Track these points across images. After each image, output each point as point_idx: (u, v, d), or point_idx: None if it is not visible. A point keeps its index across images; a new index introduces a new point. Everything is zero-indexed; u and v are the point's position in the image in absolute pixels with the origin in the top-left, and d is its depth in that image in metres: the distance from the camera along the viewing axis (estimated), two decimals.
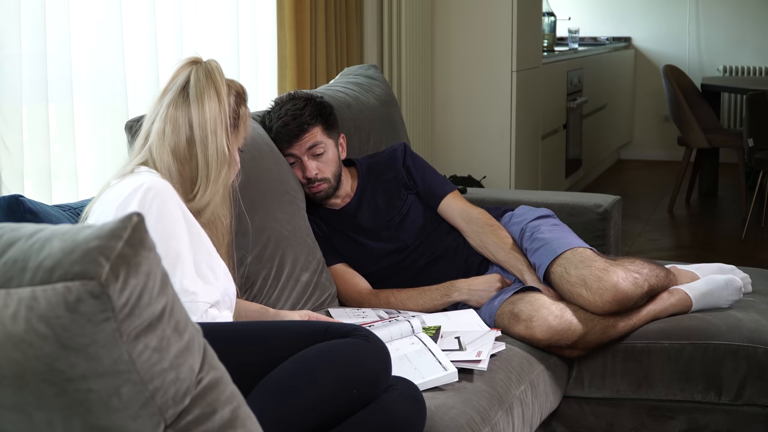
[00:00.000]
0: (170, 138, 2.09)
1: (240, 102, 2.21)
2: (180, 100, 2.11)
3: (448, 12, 4.97)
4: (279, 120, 2.69)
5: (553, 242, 2.60)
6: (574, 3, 8.42)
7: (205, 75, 2.13)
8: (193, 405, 1.15)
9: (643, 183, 7.59)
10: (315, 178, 2.71)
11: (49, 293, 1.01)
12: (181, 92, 2.12)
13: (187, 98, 2.11)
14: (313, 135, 2.69)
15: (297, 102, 2.72)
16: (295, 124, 2.68)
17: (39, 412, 1.08)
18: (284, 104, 2.72)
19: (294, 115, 2.69)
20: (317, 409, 1.75)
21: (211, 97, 2.11)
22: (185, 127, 2.10)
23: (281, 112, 2.70)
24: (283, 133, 2.68)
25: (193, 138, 2.10)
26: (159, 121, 2.12)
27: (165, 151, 2.09)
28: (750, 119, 5.54)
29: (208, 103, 2.10)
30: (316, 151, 2.70)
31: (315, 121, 2.70)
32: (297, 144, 2.69)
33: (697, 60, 8.31)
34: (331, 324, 1.91)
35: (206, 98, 2.10)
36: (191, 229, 2.02)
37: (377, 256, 2.80)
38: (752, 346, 2.50)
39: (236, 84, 2.23)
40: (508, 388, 2.26)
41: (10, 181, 2.45)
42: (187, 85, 2.12)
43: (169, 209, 1.98)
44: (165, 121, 2.11)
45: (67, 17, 2.66)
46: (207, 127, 2.10)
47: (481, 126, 4.98)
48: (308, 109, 2.70)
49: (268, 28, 3.77)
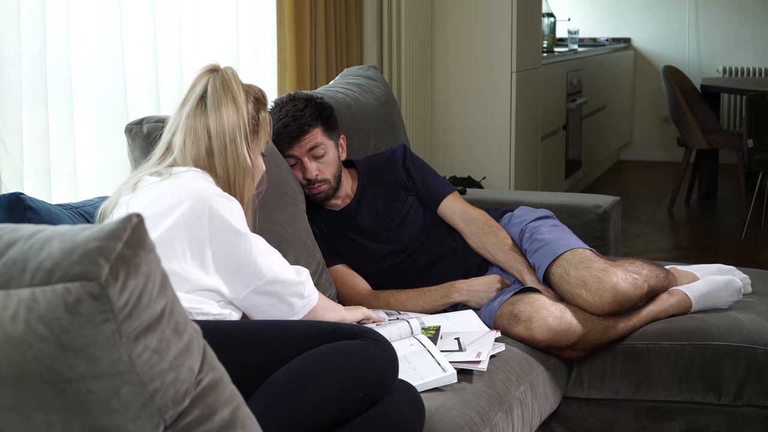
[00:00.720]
0: (191, 149, 2.13)
1: (259, 107, 2.23)
2: (198, 111, 2.14)
3: (447, 13, 4.97)
4: (279, 121, 2.68)
5: (553, 243, 2.60)
6: (574, 4, 8.42)
7: (221, 84, 2.15)
8: (192, 406, 1.15)
9: (642, 184, 7.59)
10: (315, 179, 2.70)
11: (48, 294, 1.01)
12: (199, 102, 2.15)
13: (205, 108, 2.13)
14: (314, 136, 2.69)
15: (297, 103, 2.71)
16: (295, 126, 2.67)
17: (38, 413, 1.08)
18: (284, 105, 2.71)
19: (294, 116, 2.68)
20: (322, 409, 1.75)
21: (228, 105, 2.13)
22: (204, 137, 2.12)
23: (281, 113, 2.69)
24: (283, 135, 2.68)
25: (212, 148, 2.12)
26: (180, 134, 2.15)
27: (187, 162, 2.13)
28: (749, 120, 5.54)
29: (226, 111, 2.12)
30: (316, 153, 2.70)
31: (315, 122, 2.69)
32: (297, 145, 2.69)
33: (696, 61, 8.31)
34: (339, 325, 1.90)
35: (223, 107, 2.13)
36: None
37: (377, 258, 2.79)
38: (752, 347, 2.50)
39: (255, 89, 2.25)
40: (507, 389, 2.26)
41: (9, 182, 2.45)
42: (205, 95, 2.14)
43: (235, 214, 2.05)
44: (186, 132, 2.14)
45: (66, 18, 2.66)
46: (226, 136, 2.12)
47: (481, 127, 4.99)
48: (308, 110, 2.69)
49: (267, 29, 3.77)
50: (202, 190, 2.00)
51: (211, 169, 2.12)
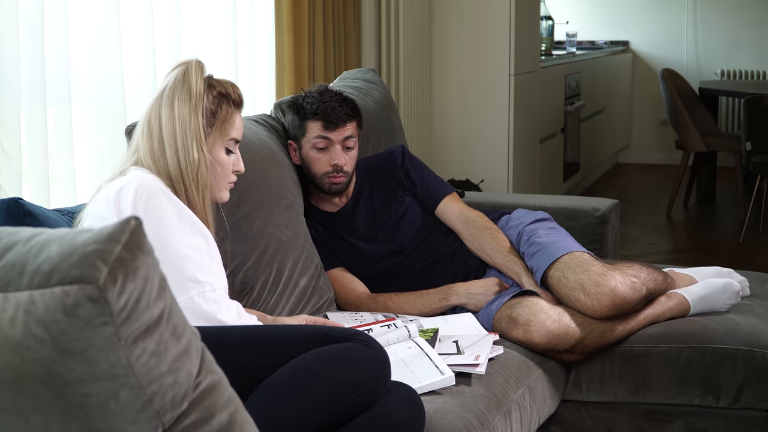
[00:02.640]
0: (147, 139, 2.13)
1: (222, 101, 2.19)
2: (156, 101, 2.15)
3: (446, 15, 4.97)
4: (327, 103, 2.71)
5: (550, 246, 2.60)
6: (572, 7, 8.42)
7: (181, 75, 2.14)
8: (191, 409, 1.15)
9: (641, 187, 7.60)
10: (341, 169, 2.71)
11: (47, 297, 1.01)
12: (160, 93, 2.15)
13: (161, 99, 2.13)
14: (353, 127, 2.74)
15: (340, 94, 2.77)
16: (342, 111, 2.71)
17: (36, 415, 1.08)
18: (327, 92, 2.76)
19: (341, 102, 2.73)
20: (316, 413, 1.75)
21: (183, 98, 2.12)
22: (156, 129, 2.12)
23: (326, 96, 2.73)
24: (330, 116, 2.70)
25: (162, 138, 2.11)
26: (139, 125, 2.17)
27: (145, 151, 2.12)
28: (748, 123, 5.55)
29: (179, 104, 2.11)
30: (348, 144, 2.73)
31: (356, 115, 2.76)
32: (339, 130, 2.70)
33: (694, 64, 8.32)
34: (331, 329, 1.91)
35: (176, 99, 2.12)
36: (185, 218, 2.03)
37: (374, 259, 2.80)
38: (750, 349, 2.50)
39: (225, 83, 2.22)
40: (506, 391, 2.26)
41: (8, 185, 2.45)
42: (167, 87, 2.15)
43: (163, 207, 1.99)
44: (144, 122, 2.15)
45: (65, 21, 2.66)
46: (176, 128, 2.10)
47: (479, 130, 4.99)
48: (352, 103, 2.77)
49: (266, 32, 3.77)
50: (124, 211, 1.99)
51: (164, 159, 2.10)
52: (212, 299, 2.00)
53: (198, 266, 1.99)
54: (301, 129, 2.73)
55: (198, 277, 1.99)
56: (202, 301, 1.98)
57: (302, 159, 2.76)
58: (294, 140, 2.78)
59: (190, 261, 1.98)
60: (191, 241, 2.01)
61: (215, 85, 2.20)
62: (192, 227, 2.03)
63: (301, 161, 2.77)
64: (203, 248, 2.04)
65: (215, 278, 2.03)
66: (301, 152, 2.75)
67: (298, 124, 2.74)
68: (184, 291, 1.96)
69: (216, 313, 1.99)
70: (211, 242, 2.08)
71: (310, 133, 2.71)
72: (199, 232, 2.04)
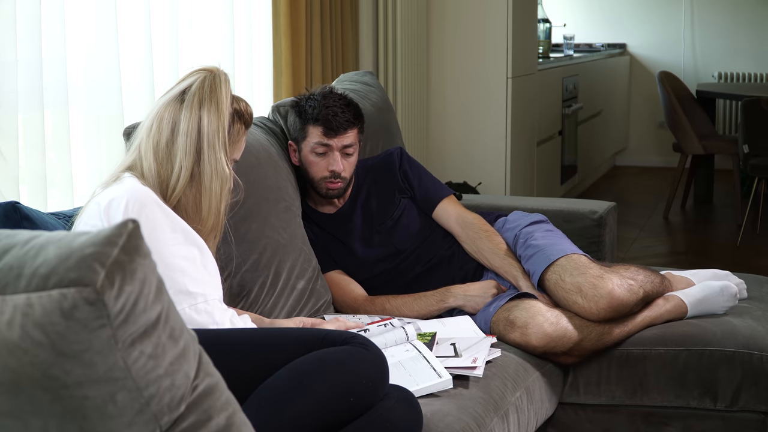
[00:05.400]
0: (155, 135, 2.09)
1: (235, 119, 2.19)
2: (174, 102, 2.11)
3: (443, 18, 4.98)
4: (329, 108, 2.68)
5: (547, 249, 2.60)
6: (570, 10, 8.43)
7: (209, 85, 2.12)
8: (188, 412, 1.15)
9: (638, 189, 7.60)
10: (339, 175, 2.70)
11: (44, 300, 1.01)
12: (179, 94, 2.12)
13: (182, 102, 2.10)
14: (354, 134, 2.72)
15: (344, 99, 2.74)
16: (344, 118, 2.69)
17: (34, 418, 1.08)
18: (330, 95, 2.73)
19: (344, 108, 2.70)
20: (314, 416, 1.75)
21: (210, 109, 2.10)
22: (167, 129, 2.09)
23: (328, 101, 2.70)
24: (331, 122, 2.68)
25: (174, 141, 2.09)
26: (148, 118, 2.13)
27: (148, 148, 2.10)
28: (745, 125, 5.55)
29: (206, 114, 2.09)
30: (348, 151, 2.72)
31: (358, 122, 2.74)
32: (339, 137, 2.69)
33: (692, 66, 8.33)
34: (329, 332, 1.90)
35: (203, 108, 2.09)
36: (178, 229, 2.02)
37: (372, 262, 2.79)
38: (747, 352, 2.51)
39: (243, 103, 2.22)
40: (503, 394, 2.26)
41: (5, 188, 2.45)
42: (188, 90, 2.12)
43: (156, 217, 1.98)
44: (154, 117, 2.11)
45: (62, 24, 2.66)
46: (201, 137, 2.09)
47: (477, 132, 4.99)
48: (355, 109, 2.74)
49: (263, 36, 3.77)
50: (113, 219, 1.98)
51: (168, 161, 2.08)
52: (204, 311, 1.99)
53: (190, 278, 1.99)
54: (302, 132, 2.73)
55: (190, 289, 1.98)
56: (194, 313, 1.98)
57: (301, 161, 2.76)
58: (294, 142, 2.78)
59: (183, 273, 1.98)
60: (184, 251, 2.00)
61: (237, 104, 2.20)
62: (185, 237, 2.02)
63: (300, 163, 2.77)
64: (197, 258, 2.02)
65: (208, 289, 2.02)
66: (300, 154, 2.75)
67: (299, 126, 2.73)
68: (176, 303, 1.96)
69: (208, 324, 1.99)
70: (205, 252, 2.06)
71: (311, 137, 2.71)
72: (192, 242, 2.03)
